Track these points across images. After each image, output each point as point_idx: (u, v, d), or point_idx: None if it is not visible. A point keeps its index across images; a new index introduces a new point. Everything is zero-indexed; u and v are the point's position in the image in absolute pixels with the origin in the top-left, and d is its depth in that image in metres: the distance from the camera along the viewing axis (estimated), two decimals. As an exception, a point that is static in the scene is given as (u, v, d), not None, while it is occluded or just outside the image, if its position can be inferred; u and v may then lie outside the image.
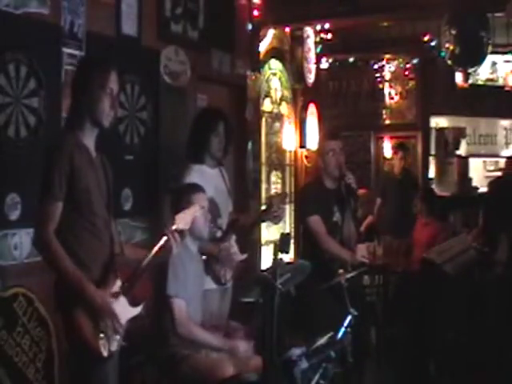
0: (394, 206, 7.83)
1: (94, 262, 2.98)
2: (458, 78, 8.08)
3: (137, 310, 3.05)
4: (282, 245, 3.39)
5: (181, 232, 3.17)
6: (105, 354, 2.89)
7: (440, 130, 10.12)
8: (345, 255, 4.64)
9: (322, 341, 3.72)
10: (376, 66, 10.09)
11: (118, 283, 2.99)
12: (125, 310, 2.98)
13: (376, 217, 8.06)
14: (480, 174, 10.51)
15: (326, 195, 4.81)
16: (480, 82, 10.19)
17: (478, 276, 6.01)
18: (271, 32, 7.28)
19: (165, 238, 3.08)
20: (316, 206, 4.78)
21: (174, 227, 3.12)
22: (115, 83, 3.06)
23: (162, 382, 3.76)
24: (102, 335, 2.89)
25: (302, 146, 8.16)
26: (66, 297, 2.92)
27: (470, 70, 7.50)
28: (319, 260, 4.52)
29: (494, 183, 7.54)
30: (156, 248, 3.06)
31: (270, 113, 7.73)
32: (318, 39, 8.33)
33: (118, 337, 2.95)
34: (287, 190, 8.11)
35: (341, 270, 4.21)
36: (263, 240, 7.20)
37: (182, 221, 3.14)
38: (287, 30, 7.69)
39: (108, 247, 3.07)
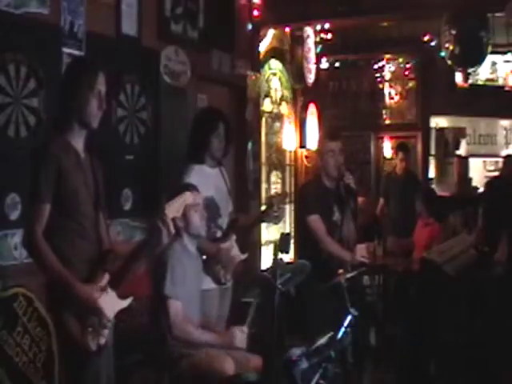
0: (397, 207, 7.83)
1: (81, 261, 3.01)
2: (458, 78, 8.09)
3: (126, 303, 3.07)
4: (282, 245, 3.39)
5: (172, 220, 3.12)
6: (93, 347, 2.92)
7: (440, 130, 10.10)
8: (344, 255, 4.63)
9: (322, 341, 3.71)
10: (376, 66, 10.08)
11: (106, 277, 3.01)
12: (113, 303, 3.00)
13: (379, 216, 8.05)
14: (480, 174, 10.48)
15: (326, 194, 4.80)
16: (480, 82, 10.16)
17: (478, 276, 5.99)
18: (271, 32, 7.29)
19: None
20: (316, 205, 4.76)
21: (162, 215, 3.07)
22: (103, 84, 3.07)
23: (160, 380, 3.75)
24: (90, 329, 2.92)
25: (302, 146, 8.17)
26: (55, 294, 2.97)
27: (469, 70, 7.50)
28: (318, 259, 4.52)
29: (492, 183, 7.53)
30: (143, 236, 3.05)
31: (270, 113, 7.73)
32: (318, 39, 8.33)
33: (106, 331, 2.97)
34: (287, 190, 8.12)
35: (341, 270, 4.20)
36: (263, 240, 7.20)
37: (171, 208, 3.11)
38: (287, 29, 7.70)
39: (96, 245, 3.09)
